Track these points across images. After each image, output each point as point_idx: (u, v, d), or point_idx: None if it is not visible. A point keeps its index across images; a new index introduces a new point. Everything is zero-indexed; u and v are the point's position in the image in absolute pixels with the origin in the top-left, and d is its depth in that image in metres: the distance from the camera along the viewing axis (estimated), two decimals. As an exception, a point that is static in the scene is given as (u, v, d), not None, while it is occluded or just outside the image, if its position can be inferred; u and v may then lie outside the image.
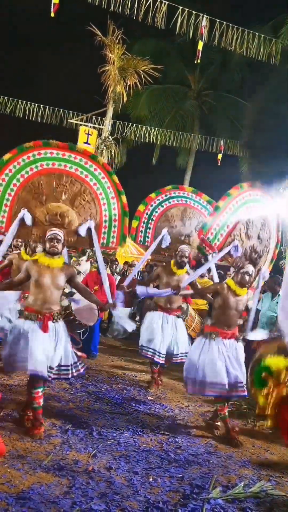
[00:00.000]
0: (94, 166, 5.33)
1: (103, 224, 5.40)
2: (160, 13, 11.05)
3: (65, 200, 5.13)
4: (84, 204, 5.25)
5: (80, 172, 5.27)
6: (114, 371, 7.08)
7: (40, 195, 5.04)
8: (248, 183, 5.82)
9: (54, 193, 5.11)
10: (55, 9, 10.16)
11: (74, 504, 3.05)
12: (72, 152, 5.23)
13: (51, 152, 5.12)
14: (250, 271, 5.01)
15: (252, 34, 12.32)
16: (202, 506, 3.22)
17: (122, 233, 5.55)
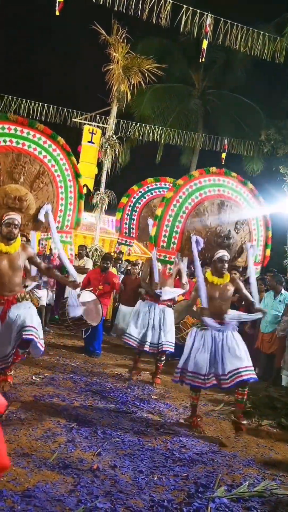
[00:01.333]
0: (53, 146, 5.07)
1: (59, 208, 5.25)
2: (165, 12, 11.03)
3: (23, 182, 4.89)
4: (42, 187, 5.01)
5: (38, 152, 4.99)
6: (118, 370, 7.09)
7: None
8: (201, 170, 5.62)
9: (12, 174, 4.85)
10: (59, 8, 10.16)
11: (79, 502, 3.06)
12: (32, 129, 4.93)
13: (8, 127, 4.81)
14: (223, 255, 4.96)
15: (256, 32, 12.28)
16: (207, 505, 3.22)
17: (77, 216, 5.44)
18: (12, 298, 4.47)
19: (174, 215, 5.46)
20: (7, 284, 4.44)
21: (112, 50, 12.90)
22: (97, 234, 13.07)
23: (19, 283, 4.56)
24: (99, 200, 12.91)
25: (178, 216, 5.45)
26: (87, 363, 7.14)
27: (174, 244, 5.44)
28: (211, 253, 5.13)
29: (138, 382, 6.50)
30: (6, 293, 4.46)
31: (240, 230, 5.52)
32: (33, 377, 5.86)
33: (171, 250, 5.47)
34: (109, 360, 7.72)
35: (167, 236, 5.45)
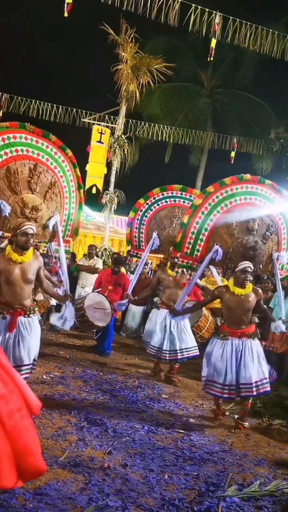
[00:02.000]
0: (62, 158, 5.17)
1: (63, 218, 5.32)
2: (173, 11, 11.00)
3: (38, 192, 4.99)
4: (53, 197, 5.12)
5: (50, 163, 5.09)
6: (128, 369, 7.10)
7: (15, 184, 4.83)
8: (233, 178, 5.59)
9: (30, 184, 4.93)
10: (68, 9, 10.18)
11: (91, 500, 3.08)
12: (45, 140, 5.03)
13: (25, 137, 4.90)
14: (246, 267, 4.92)
15: (265, 30, 12.20)
16: (218, 504, 3.22)
17: (76, 226, 5.52)
18: (20, 310, 4.35)
19: (201, 222, 5.50)
20: (18, 295, 4.31)
21: (120, 50, 12.90)
22: (106, 234, 13.09)
23: (29, 295, 4.43)
24: (108, 200, 12.93)
25: (205, 223, 5.50)
26: (97, 363, 7.16)
27: (198, 251, 5.52)
28: (235, 263, 5.12)
29: (148, 382, 6.50)
30: (16, 304, 4.32)
31: (268, 240, 5.55)
32: (43, 376, 5.89)
33: (194, 257, 5.53)
34: (119, 360, 7.73)
35: (192, 243, 5.51)
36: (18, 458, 1.58)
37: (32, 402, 1.64)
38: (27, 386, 1.65)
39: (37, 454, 1.61)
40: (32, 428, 1.61)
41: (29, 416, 1.61)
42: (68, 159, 5.25)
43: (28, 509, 2.86)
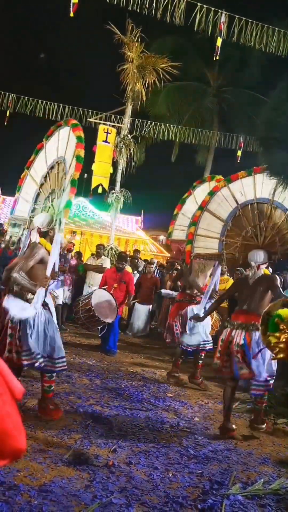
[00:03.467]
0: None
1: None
2: (179, 10, 11.00)
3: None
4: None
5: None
6: (134, 368, 7.13)
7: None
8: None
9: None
10: (74, 9, 10.21)
11: (95, 497, 3.10)
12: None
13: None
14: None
15: (272, 29, 12.16)
16: (222, 502, 3.23)
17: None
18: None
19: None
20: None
21: (126, 50, 12.91)
22: (112, 233, 13.12)
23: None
24: (115, 199, 12.95)
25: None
26: (103, 361, 7.20)
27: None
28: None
29: (153, 381, 6.52)
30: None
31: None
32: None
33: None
34: (125, 358, 7.76)
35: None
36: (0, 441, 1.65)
37: (15, 388, 1.71)
38: (10, 372, 1.72)
39: (19, 437, 1.69)
40: (16, 413, 1.68)
41: (13, 402, 1.69)
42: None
43: (33, 505, 2.89)
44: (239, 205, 5.71)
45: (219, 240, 5.78)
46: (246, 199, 5.70)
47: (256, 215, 5.58)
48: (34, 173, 5.29)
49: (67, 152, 4.78)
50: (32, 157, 5.37)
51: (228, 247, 5.72)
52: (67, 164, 4.73)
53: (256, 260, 5.04)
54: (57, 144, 5.06)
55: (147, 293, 10.29)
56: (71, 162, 4.57)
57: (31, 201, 5.21)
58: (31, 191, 5.27)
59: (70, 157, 4.64)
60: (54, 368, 4.42)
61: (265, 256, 5.09)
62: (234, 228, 5.71)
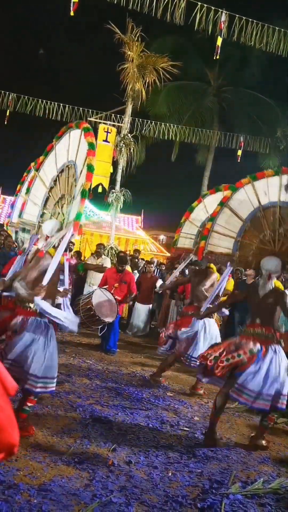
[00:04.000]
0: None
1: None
2: (179, 10, 11.00)
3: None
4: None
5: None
6: (134, 367, 7.13)
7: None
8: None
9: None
10: (74, 8, 10.22)
11: (95, 496, 3.10)
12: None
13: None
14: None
15: (272, 28, 12.17)
16: (221, 501, 3.23)
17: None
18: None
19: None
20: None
21: (126, 49, 12.91)
22: (112, 233, 13.12)
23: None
24: (115, 198, 12.95)
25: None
26: (103, 361, 7.20)
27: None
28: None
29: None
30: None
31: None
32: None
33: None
34: (125, 358, 7.76)
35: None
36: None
37: (8, 383, 1.74)
38: (3, 368, 1.76)
39: (11, 431, 1.73)
40: (8, 407, 1.72)
41: (6, 397, 1.72)
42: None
43: (32, 504, 2.89)
44: (261, 206, 5.38)
45: (235, 240, 5.50)
46: (269, 200, 5.36)
47: (277, 219, 5.24)
48: (44, 175, 5.18)
49: (78, 157, 4.64)
50: (42, 158, 5.26)
51: (243, 248, 5.44)
52: (77, 170, 4.59)
53: (268, 269, 4.59)
54: (68, 147, 4.90)
55: (147, 293, 10.30)
56: (82, 170, 4.43)
57: (40, 204, 5.09)
58: (40, 194, 5.15)
59: (81, 164, 4.50)
60: (46, 389, 4.06)
61: (279, 265, 4.63)
62: (252, 230, 5.41)
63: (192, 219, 9.04)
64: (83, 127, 4.75)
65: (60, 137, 5.12)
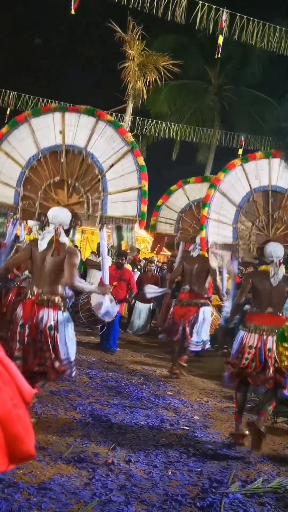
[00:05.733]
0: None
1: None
2: (180, 8, 10.99)
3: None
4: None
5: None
6: (134, 366, 7.13)
7: None
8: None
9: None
10: (75, 7, 10.21)
11: (94, 495, 3.10)
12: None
13: None
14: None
15: (273, 27, 12.15)
16: (221, 500, 3.23)
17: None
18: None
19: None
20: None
21: (127, 48, 12.91)
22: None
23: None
24: (115, 197, 12.94)
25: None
26: (103, 359, 7.20)
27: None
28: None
29: (153, 379, 6.52)
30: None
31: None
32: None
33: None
34: (125, 357, 7.76)
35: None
36: (9, 444, 1.65)
37: (25, 390, 1.72)
38: (21, 375, 1.73)
39: (28, 441, 1.71)
40: (26, 417, 1.69)
41: (23, 405, 1.68)
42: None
43: (32, 503, 2.89)
44: (253, 190, 5.16)
45: (233, 227, 5.19)
46: (261, 184, 5.16)
47: (270, 204, 5.10)
48: (13, 150, 4.67)
49: (95, 147, 4.60)
50: (6, 129, 4.69)
51: (241, 236, 5.15)
52: (97, 159, 4.59)
53: (278, 255, 4.50)
54: (74, 131, 4.68)
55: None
56: (114, 163, 4.57)
57: (14, 185, 4.66)
58: (10, 173, 4.67)
59: (112, 158, 4.58)
60: (71, 373, 4.24)
61: (283, 250, 4.59)
62: (247, 215, 5.17)
63: (170, 203, 8.43)
64: (108, 119, 4.73)
65: (43, 113, 4.76)
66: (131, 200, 4.64)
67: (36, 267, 4.15)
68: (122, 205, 4.66)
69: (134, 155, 4.68)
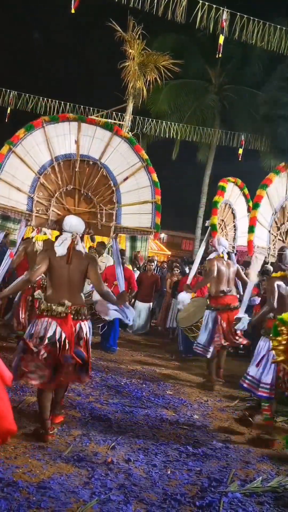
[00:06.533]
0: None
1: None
2: (180, 8, 10.98)
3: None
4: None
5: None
6: (134, 365, 7.13)
7: None
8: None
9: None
10: (75, 6, 10.21)
11: (93, 494, 3.11)
12: None
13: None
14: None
15: (273, 27, 12.15)
16: (220, 499, 3.24)
17: None
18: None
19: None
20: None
21: (127, 47, 12.91)
22: (113, 231, 13.09)
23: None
24: (115, 197, 12.94)
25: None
26: (103, 359, 7.20)
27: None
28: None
29: (153, 378, 6.53)
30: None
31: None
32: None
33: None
34: (125, 356, 7.77)
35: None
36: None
37: (5, 374, 1.82)
38: (0, 360, 1.82)
39: (9, 418, 1.80)
40: (6, 397, 1.81)
41: (3, 387, 1.79)
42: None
43: (31, 502, 2.90)
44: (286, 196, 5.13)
45: (268, 231, 5.15)
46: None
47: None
48: (26, 155, 4.56)
49: (110, 159, 4.69)
50: (22, 132, 4.55)
51: (272, 242, 5.11)
52: (111, 172, 4.69)
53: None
54: (89, 142, 4.70)
55: (148, 291, 10.31)
56: (128, 176, 4.70)
57: (27, 190, 4.54)
58: (23, 178, 4.55)
59: (127, 172, 4.71)
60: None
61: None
62: (276, 220, 5.18)
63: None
64: (124, 135, 4.78)
65: (57, 121, 4.68)
66: (145, 212, 4.78)
67: (57, 276, 4.08)
68: (137, 217, 4.79)
69: (148, 171, 4.84)
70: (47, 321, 3.94)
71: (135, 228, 4.81)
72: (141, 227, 4.81)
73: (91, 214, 4.68)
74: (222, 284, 6.53)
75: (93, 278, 4.17)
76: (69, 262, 4.06)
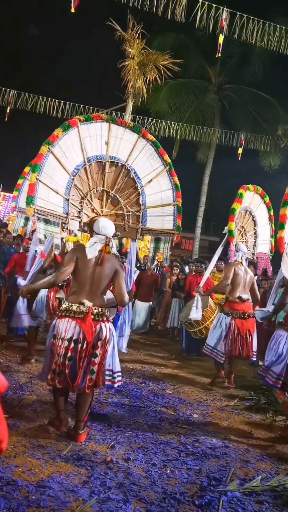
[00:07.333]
0: None
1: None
2: (180, 7, 10.97)
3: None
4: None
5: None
6: (133, 364, 7.14)
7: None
8: None
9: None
10: (75, 5, 10.21)
11: (93, 493, 3.11)
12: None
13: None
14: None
15: (273, 26, 12.15)
16: (219, 498, 3.24)
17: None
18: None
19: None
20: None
21: (127, 46, 12.90)
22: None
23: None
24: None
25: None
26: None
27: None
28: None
29: (152, 377, 6.53)
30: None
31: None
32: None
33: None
34: (124, 355, 7.73)
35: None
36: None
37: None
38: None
39: (1, 426, 1.78)
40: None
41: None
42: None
43: (30, 501, 2.90)
44: None
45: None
46: None
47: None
48: (62, 156, 4.47)
49: (136, 162, 4.78)
50: (60, 132, 4.45)
51: None
52: (137, 174, 4.78)
53: None
54: (118, 144, 4.73)
55: (147, 291, 10.31)
56: (152, 179, 4.85)
57: (63, 193, 4.47)
58: (60, 180, 4.45)
59: (151, 174, 4.83)
60: (114, 384, 4.17)
61: None
62: None
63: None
64: (150, 138, 4.97)
65: (91, 120, 4.67)
66: (168, 214, 4.95)
67: (82, 277, 4.01)
68: (160, 219, 4.94)
69: (170, 174, 5.04)
70: (67, 321, 3.93)
71: (159, 230, 4.95)
72: (165, 229, 4.97)
73: (117, 216, 4.72)
74: (239, 290, 6.50)
75: (117, 286, 4.12)
76: (101, 264, 4.00)
